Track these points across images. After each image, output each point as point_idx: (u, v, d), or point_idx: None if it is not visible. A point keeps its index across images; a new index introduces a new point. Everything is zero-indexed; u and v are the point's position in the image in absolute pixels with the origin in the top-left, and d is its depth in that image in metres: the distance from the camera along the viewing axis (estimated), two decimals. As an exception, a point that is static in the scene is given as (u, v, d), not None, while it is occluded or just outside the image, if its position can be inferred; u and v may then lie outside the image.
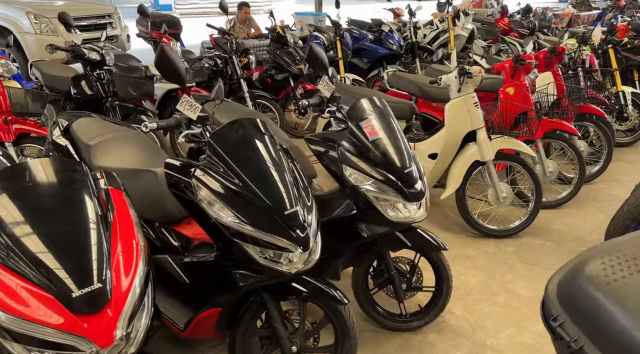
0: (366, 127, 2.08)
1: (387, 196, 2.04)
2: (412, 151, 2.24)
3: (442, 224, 3.43)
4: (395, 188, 2.04)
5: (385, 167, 2.05)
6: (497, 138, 3.17)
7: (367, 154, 2.06)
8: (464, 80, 3.07)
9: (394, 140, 2.12)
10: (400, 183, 2.04)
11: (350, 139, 2.09)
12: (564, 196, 3.69)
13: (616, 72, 5.00)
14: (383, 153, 2.06)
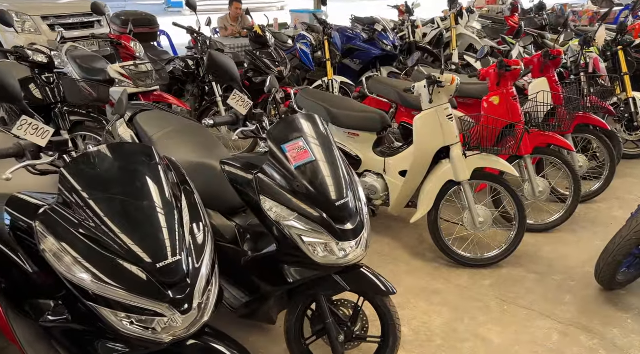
0: (290, 151, 1.72)
1: (313, 235, 1.69)
2: (354, 177, 1.88)
3: (415, 250, 3.06)
4: (324, 225, 1.69)
5: (312, 200, 1.70)
6: (473, 155, 2.78)
7: (290, 184, 1.71)
8: (434, 90, 2.69)
9: (327, 166, 1.76)
10: (330, 219, 1.69)
11: (272, 165, 1.74)
12: (556, 218, 3.27)
13: (626, 77, 4.54)
14: (310, 182, 1.71)
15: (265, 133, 1.78)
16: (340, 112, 3.17)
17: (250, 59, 4.80)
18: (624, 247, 2.34)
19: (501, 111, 3.16)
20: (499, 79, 3.13)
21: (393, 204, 3.00)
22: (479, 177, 2.84)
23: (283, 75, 4.82)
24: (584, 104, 3.63)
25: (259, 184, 1.71)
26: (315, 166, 1.74)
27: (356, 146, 3.18)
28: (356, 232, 1.76)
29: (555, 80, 3.54)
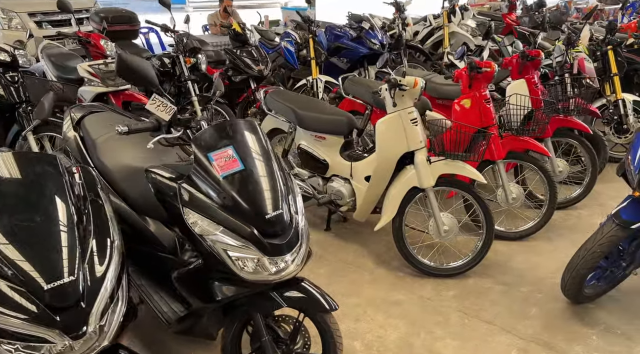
0: (217, 159, 1.62)
1: (240, 251, 1.59)
2: (293, 187, 1.78)
3: (380, 258, 2.96)
4: (252, 240, 1.59)
5: (240, 213, 1.60)
6: (438, 161, 2.67)
7: (217, 195, 1.61)
8: (395, 93, 2.58)
9: (259, 176, 1.66)
10: (259, 233, 1.60)
11: (197, 174, 1.65)
12: (531, 226, 3.15)
13: (616, 77, 4.39)
14: (239, 193, 1.61)
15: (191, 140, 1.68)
16: (307, 115, 3.07)
17: (230, 58, 4.71)
18: (589, 261, 2.22)
19: (473, 115, 3.04)
20: (471, 81, 3.01)
21: (357, 210, 2.90)
22: (446, 183, 2.73)
23: (263, 74, 4.72)
24: (568, 106, 3.50)
25: (182, 194, 1.62)
26: (245, 175, 1.64)
27: (323, 150, 3.07)
28: (290, 246, 1.66)
29: (534, 81, 3.41)
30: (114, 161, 2.11)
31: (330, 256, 2.96)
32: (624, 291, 2.62)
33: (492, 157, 3.04)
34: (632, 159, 2.15)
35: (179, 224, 1.66)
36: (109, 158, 2.14)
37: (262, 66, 4.72)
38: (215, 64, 5.23)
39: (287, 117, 3.22)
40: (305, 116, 3.07)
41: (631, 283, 2.66)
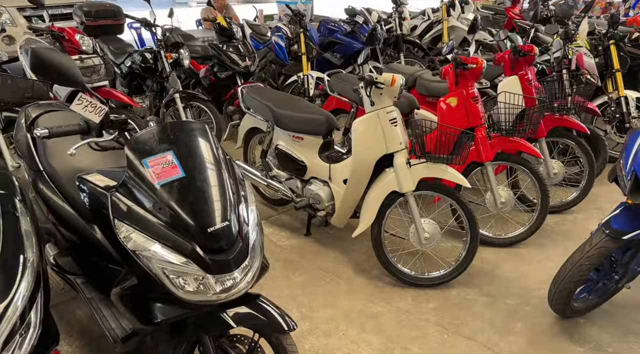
0: (154, 166, 1.47)
1: (178, 268, 1.44)
2: (245, 196, 1.63)
3: (360, 266, 2.80)
4: (192, 256, 1.44)
5: (179, 226, 1.45)
6: (418, 164, 2.50)
7: (152, 206, 1.46)
8: (372, 91, 2.41)
9: (202, 184, 1.50)
10: (199, 248, 1.44)
11: (132, 182, 1.49)
12: (521, 232, 2.97)
13: (618, 73, 4.18)
14: (178, 204, 1.45)
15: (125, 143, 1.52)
16: (284, 113, 2.90)
17: (215, 53, 4.55)
18: (576, 275, 2.05)
19: (459, 114, 2.87)
20: (457, 78, 2.83)
21: (335, 215, 2.74)
22: (427, 188, 2.56)
23: (250, 70, 4.55)
24: (565, 104, 3.31)
25: (114, 205, 1.47)
26: (186, 184, 1.48)
27: (301, 151, 2.91)
28: (238, 261, 1.50)
29: (527, 78, 3.22)
30: (63, 164, 1.97)
31: (307, 263, 2.80)
32: (618, 303, 2.44)
33: (480, 159, 2.87)
34: (624, 164, 1.97)
35: (112, 238, 1.51)
36: (58, 161, 2.00)
37: (249, 62, 4.56)
38: (202, 59, 5.07)
39: (265, 116, 3.06)
40: (282, 114, 2.91)
41: (626, 295, 2.48)
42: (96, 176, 1.61)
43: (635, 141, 2.00)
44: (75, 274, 2.01)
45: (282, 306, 2.40)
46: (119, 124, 1.55)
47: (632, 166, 1.93)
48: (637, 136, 2.01)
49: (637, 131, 2.02)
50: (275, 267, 2.75)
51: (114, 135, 1.55)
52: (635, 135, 2.02)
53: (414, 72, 3.88)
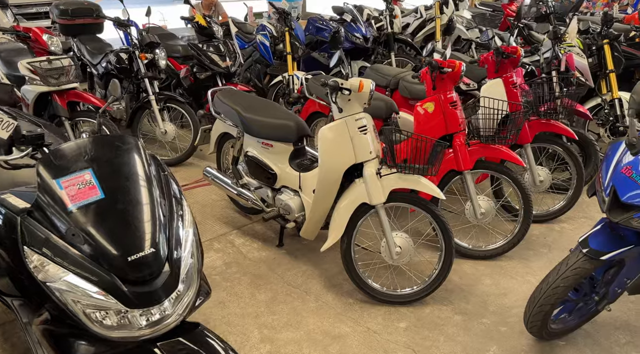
0: (69, 187, 1.33)
1: (96, 302, 1.29)
2: (178, 217, 1.47)
3: (332, 280, 2.65)
4: (110, 289, 1.30)
5: (96, 254, 1.30)
6: (389, 174, 2.34)
7: (66, 232, 1.32)
8: (337, 97, 2.26)
9: (125, 206, 1.36)
10: (118, 280, 1.30)
11: (43, 205, 1.34)
12: (502, 244, 2.82)
13: (612, 74, 4.01)
14: (96, 229, 1.31)
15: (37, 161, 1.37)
16: (252, 119, 2.76)
17: (194, 53, 4.40)
18: (551, 297, 1.90)
19: (437, 120, 2.71)
20: (433, 82, 2.67)
21: (304, 227, 2.59)
22: (400, 199, 2.41)
23: (230, 70, 4.41)
24: (552, 108, 3.14)
25: (22, 230, 1.32)
26: (106, 206, 1.34)
27: (271, 158, 2.77)
28: (166, 291, 1.36)
29: (512, 81, 3.06)
30: None
31: (276, 277, 2.66)
32: (600, 323, 2.29)
33: (458, 167, 2.72)
34: (603, 177, 1.82)
35: (22, 267, 1.36)
36: None
37: (230, 62, 4.41)
38: (184, 59, 4.93)
39: (234, 121, 2.91)
40: (251, 120, 2.76)
41: (608, 315, 2.33)
42: (10, 197, 1.47)
43: (615, 153, 1.84)
44: (12, 296, 1.87)
45: (242, 326, 2.27)
46: (32, 139, 1.41)
47: (610, 181, 1.77)
48: (617, 147, 1.85)
49: (617, 142, 1.87)
50: (241, 282, 2.61)
51: (27, 152, 1.40)
52: (615, 146, 1.86)
53: (397, 73, 3.73)
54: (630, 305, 2.42)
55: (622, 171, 1.75)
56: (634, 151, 1.74)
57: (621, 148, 1.83)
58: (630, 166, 1.74)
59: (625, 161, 1.77)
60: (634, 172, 1.71)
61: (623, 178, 1.73)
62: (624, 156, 1.79)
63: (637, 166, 1.72)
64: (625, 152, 1.79)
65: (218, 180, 3.06)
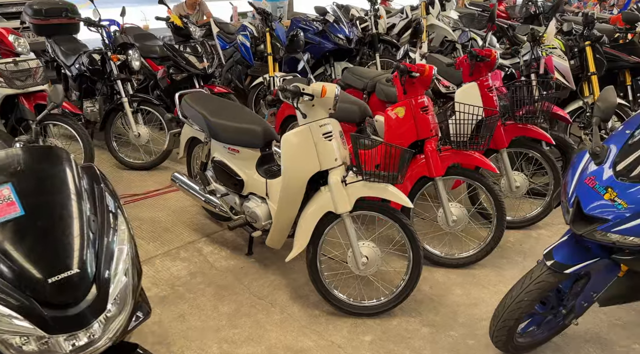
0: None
1: (13, 328, 1.20)
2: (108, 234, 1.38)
3: (299, 291, 2.57)
4: (28, 313, 1.21)
5: (12, 275, 1.21)
6: (355, 182, 2.27)
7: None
8: (298, 103, 2.18)
9: (48, 224, 1.28)
10: (37, 303, 1.21)
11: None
12: (475, 252, 2.75)
13: (593, 77, 3.96)
14: (13, 248, 1.22)
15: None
16: (218, 123, 2.68)
17: (170, 54, 4.30)
18: (515, 311, 1.83)
19: (407, 125, 2.64)
20: (403, 86, 2.60)
21: (269, 236, 2.51)
22: (366, 208, 2.33)
23: (207, 71, 4.31)
24: (529, 112, 3.07)
25: None
26: (25, 224, 1.26)
27: (238, 164, 2.69)
28: (94, 313, 1.28)
29: (487, 85, 2.99)
30: None
31: (241, 288, 2.58)
32: (571, 336, 2.23)
33: (430, 173, 2.65)
34: (567, 188, 1.75)
35: None
36: None
37: (207, 63, 4.32)
38: (162, 60, 4.83)
39: (201, 125, 2.83)
40: (216, 124, 2.68)
41: (579, 327, 2.27)
42: None
43: (580, 161, 1.77)
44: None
45: (201, 340, 2.19)
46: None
47: (574, 191, 1.71)
48: (582, 156, 1.78)
49: (582, 150, 1.80)
50: (205, 293, 2.52)
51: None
52: (581, 155, 1.79)
53: (374, 76, 3.65)
54: (602, 317, 2.36)
55: (585, 181, 1.68)
56: (597, 160, 1.68)
57: (586, 157, 1.76)
58: (594, 176, 1.67)
59: (589, 170, 1.70)
60: (598, 183, 1.64)
61: (587, 189, 1.66)
62: (589, 165, 1.72)
63: (601, 176, 1.65)
64: (589, 161, 1.72)
65: (186, 186, 2.97)
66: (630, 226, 1.56)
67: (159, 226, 3.17)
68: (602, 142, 1.76)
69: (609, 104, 1.71)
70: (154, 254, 2.86)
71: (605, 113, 1.72)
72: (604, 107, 1.72)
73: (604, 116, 1.72)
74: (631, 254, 1.64)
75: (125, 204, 3.43)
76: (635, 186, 1.57)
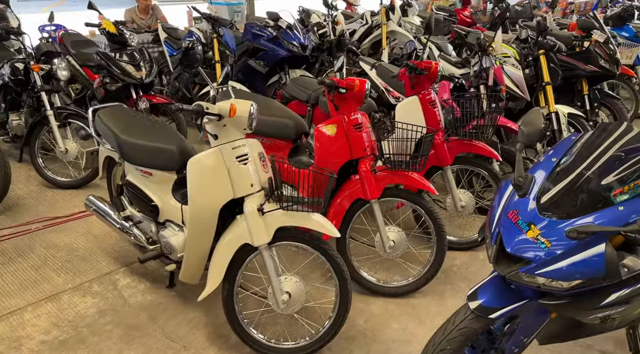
0: None
1: None
2: None
3: (219, 330, 2.31)
4: None
5: None
6: (274, 211, 2.03)
7: None
8: (203, 123, 1.94)
9: None
10: None
11: None
12: (415, 280, 2.55)
13: (548, 87, 3.83)
14: None
15: None
16: (129, 143, 2.40)
17: (104, 63, 4.00)
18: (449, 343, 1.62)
19: (339, 144, 2.43)
20: (334, 103, 2.38)
21: (182, 270, 2.25)
22: (289, 238, 2.10)
23: (144, 81, 4.02)
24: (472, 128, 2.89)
25: None
26: None
27: (152, 188, 2.42)
28: None
29: (430, 99, 2.80)
30: None
31: (155, 329, 2.31)
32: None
33: (365, 196, 2.44)
34: (491, 222, 1.55)
35: None
36: None
37: (144, 72, 4.03)
38: (98, 68, 4.51)
39: (112, 144, 2.56)
40: (127, 144, 2.41)
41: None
42: None
43: (505, 191, 1.58)
44: None
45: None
46: None
47: (497, 227, 1.51)
48: (507, 185, 1.59)
49: (508, 178, 1.60)
50: (112, 336, 2.25)
51: None
52: (507, 184, 1.60)
53: (318, 87, 3.44)
54: (544, 352, 2.18)
55: (508, 215, 1.48)
56: (520, 192, 1.48)
57: (510, 187, 1.56)
58: (516, 209, 1.47)
59: (512, 203, 1.50)
60: (520, 218, 1.44)
61: (509, 224, 1.46)
62: (513, 197, 1.52)
63: (525, 210, 1.45)
64: (514, 192, 1.53)
65: (100, 211, 2.69)
66: (555, 268, 1.36)
67: (76, 254, 2.87)
68: (527, 171, 1.56)
69: (534, 128, 1.52)
70: (62, 288, 2.56)
71: (530, 138, 1.52)
72: (527, 132, 1.52)
73: (528, 141, 1.53)
74: (559, 299, 1.45)
75: (42, 229, 3.12)
76: (559, 223, 1.37)
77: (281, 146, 2.85)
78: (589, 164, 1.43)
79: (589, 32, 4.36)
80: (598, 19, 4.52)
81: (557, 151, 1.55)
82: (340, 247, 2.54)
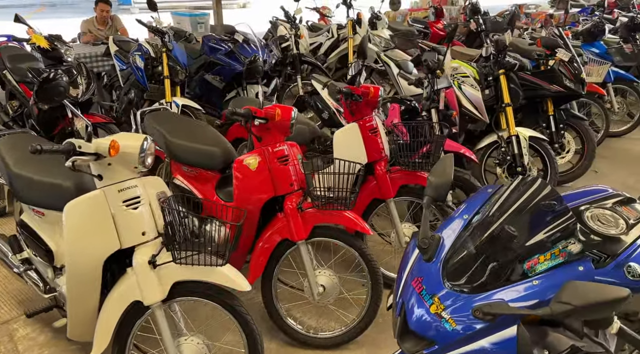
0: None
1: None
2: None
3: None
4: None
5: None
6: (169, 262, 1.75)
7: None
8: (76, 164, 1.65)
9: None
10: None
11: None
12: (347, 331, 2.28)
13: (508, 109, 3.63)
14: None
15: None
16: (20, 176, 2.10)
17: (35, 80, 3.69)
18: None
19: (261, 178, 2.16)
20: (251, 134, 2.13)
21: (68, 326, 1.94)
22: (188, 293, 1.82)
23: (79, 99, 3.73)
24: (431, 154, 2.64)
25: None
26: None
27: (45, 230, 2.12)
28: None
29: (370, 126, 2.56)
30: None
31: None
32: None
33: (291, 237, 2.17)
34: (396, 290, 1.29)
35: None
36: None
37: (79, 89, 3.74)
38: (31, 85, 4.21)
39: (4, 178, 2.26)
40: (18, 177, 2.10)
41: None
42: None
43: (411, 254, 1.32)
44: None
45: None
46: None
47: (401, 297, 1.25)
48: (413, 247, 1.33)
49: (413, 238, 1.35)
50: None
51: None
52: (413, 245, 1.35)
53: (259, 108, 3.17)
54: None
55: (413, 282, 1.23)
56: (426, 256, 1.23)
57: (417, 250, 1.31)
58: (421, 277, 1.22)
59: (417, 268, 1.25)
60: (425, 288, 1.19)
61: (412, 294, 1.21)
62: (419, 260, 1.27)
63: (430, 279, 1.20)
64: (420, 257, 1.28)
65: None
66: (461, 352, 1.12)
67: (-26, 297, 2.56)
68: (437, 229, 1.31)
69: (443, 179, 1.27)
70: (-54, 341, 2.25)
71: (438, 191, 1.27)
72: (436, 184, 1.27)
73: (436, 194, 1.27)
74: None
75: (-55, 267, 2.79)
76: (466, 298, 1.13)
77: (208, 177, 2.57)
78: (501, 228, 1.18)
79: (553, 51, 4.19)
80: (563, 37, 4.35)
81: (470, 206, 1.30)
82: (266, 291, 2.27)
